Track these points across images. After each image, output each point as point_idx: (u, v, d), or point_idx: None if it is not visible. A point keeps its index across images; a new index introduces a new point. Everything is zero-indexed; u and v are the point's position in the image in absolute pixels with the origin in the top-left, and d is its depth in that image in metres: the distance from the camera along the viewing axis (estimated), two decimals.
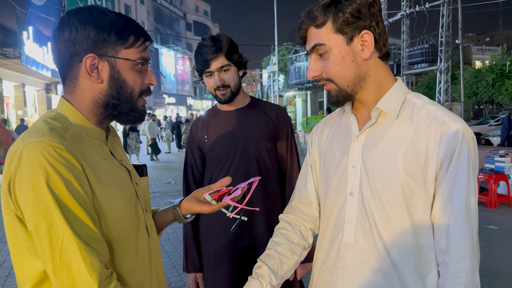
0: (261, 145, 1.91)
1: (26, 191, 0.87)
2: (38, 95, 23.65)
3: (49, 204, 0.87)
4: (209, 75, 1.86)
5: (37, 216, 0.87)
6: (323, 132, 1.34)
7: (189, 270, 1.99)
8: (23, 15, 18.30)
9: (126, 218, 1.04)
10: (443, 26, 18.86)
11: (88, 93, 1.04)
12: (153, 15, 44.39)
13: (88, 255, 0.88)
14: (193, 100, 56.13)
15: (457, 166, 1.05)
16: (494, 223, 5.98)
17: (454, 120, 1.06)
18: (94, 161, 0.99)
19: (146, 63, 1.09)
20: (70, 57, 1.01)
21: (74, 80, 1.04)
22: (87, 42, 1.00)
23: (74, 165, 0.91)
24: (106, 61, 1.02)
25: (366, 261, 1.12)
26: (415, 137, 1.08)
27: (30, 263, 0.94)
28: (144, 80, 1.10)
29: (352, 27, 1.09)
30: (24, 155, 0.88)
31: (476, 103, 25.83)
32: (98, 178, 0.98)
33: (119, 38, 1.02)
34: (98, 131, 1.08)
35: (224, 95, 1.86)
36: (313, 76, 1.17)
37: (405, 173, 1.07)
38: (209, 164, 1.97)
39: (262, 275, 1.23)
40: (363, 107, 1.19)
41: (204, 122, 2.02)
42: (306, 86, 27.93)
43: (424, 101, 1.14)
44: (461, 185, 1.05)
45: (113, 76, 1.04)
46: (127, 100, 1.06)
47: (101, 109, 1.06)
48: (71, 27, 1.00)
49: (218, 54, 1.81)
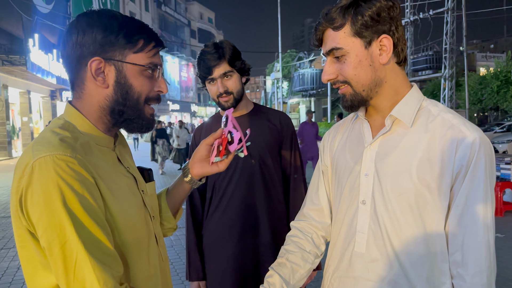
0: (264, 152, 1.89)
1: (39, 207, 0.85)
2: (43, 101, 23.82)
3: (63, 221, 0.84)
4: (211, 82, 1.86)
5: (50, 233, 0.85)
6: (335, 138, 1.32)
7: (192, 278, 1.97)
8: (29, 23, 18.44)
9: (139, 227, 1.03)
10: (447, 33, 18.86)
11: (95, 98, 1.00)
12: (158, 22, 44.73)
13: (101, 273, 0.86)
14: (197, 107, 56.28)
15: (474, 177, 1.01)
16: (500, 231, 5.92)
17: (470, 129, 1.03)
18: (105, 172, 0.97)
19: (156, 69, 1.05)
20: (77, 61, 0.98)
21: (81, 85, 1.00)
22: (93, 45, 0.96)
23: (87, 179, 0.89)
24: (112, 65, 0.99)
25: (378, 271, 1.10)
26: (430, 146, 1.05)
27: (43, 277, 0.92)
28: (154, 86, 1.06)
29: (371, 31, 1.06)
30: (36, 171, 0.85)
31: (481, 110, 25.74)
32: (111, 190, 0.96)
33: (128, 41, 0.98)
34: (107, 139, 1.05)
35: (227, 102, 1.85)
36: (328, 79, 1.14)
37: (419, 183, 1.04)
38: None
39: (274, 284, 1.21)
40: (377, 113, 1.17)
41: (208, 128, 2.01)
42: (310, 93, 27.96)
43: (440, 109, 1.11)
44: (478, 196, 1.01)
45: (119, 81, 1.00)
46: (133, 106, 1.02)
47: (108, 116, 1.02)
48: (78, 30, 0.97)
49: (220, 61, 1.80)
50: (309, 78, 26.58)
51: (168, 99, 43.29)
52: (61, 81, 21.76)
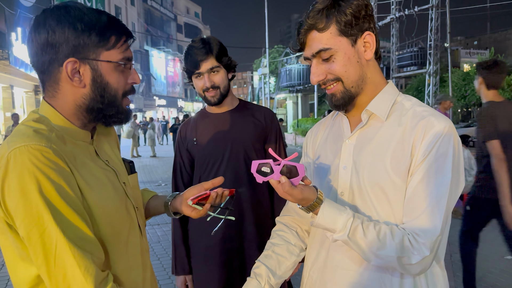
0: (250, 147, 1.91)
1: (16, 198, 0.85)
2: (26, 96, 23.41)
3: (40, 209, 0.85)
4: (198, 76, 1.87)
5: (28, 222, 0.86)
6: (317, 135, 1.35)
7: (178, 272, 1.98)
8: (12, 16, 18.09)
9: (116, 219, 1.04)
10: (432, 29, 19.04)
11: (70, 98, 1.00)
12: (144, 16, 44.17)
13: (82, 259, 0.87)
14: (183, 102, 55.93)
15: (436, 157, 1.03)
16: None
17: (439, 119, 1.07)
18: (81, 164, 0.98)
19: (129, 63, 1.05)
20: (49, 62, 0.97)
21: (54, 85, 1.00)
22: (66, 46, 0.95)
23: (63, 168, 0.90)
24: (87, 64, 0.98)
25: (356, 260, 1.13)
26: (403, 138, 1.09)
27: (24, 268, 0.93)
28: (128, 79, 1.07)
29: (356, 29, 1.10)
30: (11, 162, 0.86)
31: (464, 106, 26.10)
32: (87, 181, 0.97)
33: (100, 40, 0.98)
34: (82, 133, 1.05)
35: (214, 97, 1.87)
36: (318, 80, 1.15)
37: (393, 173, 1.08)
38: (197, 166, 1.98)
39: (260, 275, 1.24)
40: (357, 109, 1.20)
41: (193, 124, 2.02)
42: (297, 89, 27.99)
43: (413, 103, 1.15)
44: (439, 170, 1.03)
45: (96, 80, 1.00)
46: (112, 103, 1.03)
47: (85, 113, 1.03)
48: (48, 30, 0.94)
49: (208, 56, 1.82)
50: (296, 74, 26.59)
51: (154, 95, 42.91)
52: None
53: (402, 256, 1.00)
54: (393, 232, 1.02)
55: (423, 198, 1.03)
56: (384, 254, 1.01)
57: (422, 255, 1.00)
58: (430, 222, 1.01)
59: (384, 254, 1.01)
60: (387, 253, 1.00)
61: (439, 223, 1.01)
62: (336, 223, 1.03)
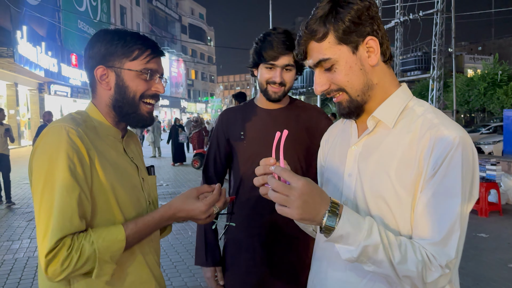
0: (300, 146, 1.86)
1: (39, 158, 1.10)
2: (30, 94, 23.48)
3: (50, 169, 1.08)
4: (269, 68, 1.80)
5: (38, 175, 1.09)
6: (328, 140, 1.33)
7: (209, 264, 1.92)
8: (18, 14, 18.17)
9: (128, 204, 1.22)
10: (436, 34, 19.00)
11: (103, 98, 1.27)
12: (148, 17, 44.32)
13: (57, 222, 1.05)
14: (186, 103, 56.02)
15: (446, 172, 0.97)
16: (485, 231, 6.01)
17: (450, 129, 1.00)
18: (104, 149, 1.20)
19: (150, 73, 1.25)
20: (89, 70, 1.26)
21: (94, 88, 1.28)
22: (98, 56, 1.23)
23: (79, 148, 1.11)
24: (113, 71, 1.24)
25: (358, 272, 1.09)
26: (410, 147, 1.03)
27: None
28: (151, 87, 1.27)
29: (356, 35, 1.04)
30: (46, 134, 1.12)
31: (468, 111, 26.06)
32: (109, 162, 1.19)
33: (124, 51, 1.23)
34: (114, 130, 1.29)
35: (277, 93, 1.81)
36: (321, 90, 1.12)
37: (398, 183, 1.03)
38: (240, 161, 1.90)
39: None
40: (366, 114, 1.15)
41: (240, 117, 1.94)
42: (300, 91, 27.98)
43: (425, 109, 1.09)
44: (449, 189, 0.97)
45: (118, 84, 1.24)
46: (130, 103, 1.26)
47: (113, 111, 1.27)
48: (90, 46, 1.25)
49: (288, 52, 1.76)
50: (299, 77, 26.56)
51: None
52: (49, 74, 21.46)
53: (421, 271, 0.95)
54: (414, 247, 0.97)
55: (436, 217, 0.97)
56: (404, 268, 0.95)
57: (439, 273, 0.95)
58: (445, 244, 0.96)
59: (404, 268, 0.95)
60: (408, 267, 0.95)
61: (455, 244, 0.96)
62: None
